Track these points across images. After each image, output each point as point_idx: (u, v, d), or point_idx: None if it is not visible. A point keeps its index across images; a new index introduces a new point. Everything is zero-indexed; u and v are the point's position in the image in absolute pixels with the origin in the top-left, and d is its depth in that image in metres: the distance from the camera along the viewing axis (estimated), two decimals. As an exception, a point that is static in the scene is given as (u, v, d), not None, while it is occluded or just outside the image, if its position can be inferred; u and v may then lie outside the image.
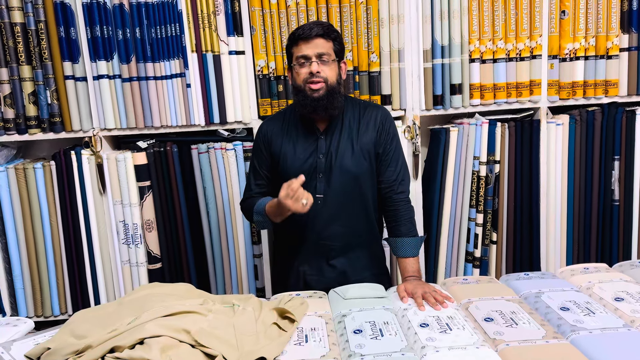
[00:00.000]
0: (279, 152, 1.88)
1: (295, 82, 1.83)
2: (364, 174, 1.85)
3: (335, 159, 1.83)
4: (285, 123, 1.92)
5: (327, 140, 1.85)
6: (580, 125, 2.52)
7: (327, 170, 1.83)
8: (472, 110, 2.51)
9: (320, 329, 1.44)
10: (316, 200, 1.81)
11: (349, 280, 1.84)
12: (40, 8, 2.29)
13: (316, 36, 1.76)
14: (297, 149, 1.86)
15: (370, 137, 1.86)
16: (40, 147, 2.67)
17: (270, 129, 1.93)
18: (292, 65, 1.83)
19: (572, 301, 1.50)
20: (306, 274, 1.92)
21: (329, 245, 1.88)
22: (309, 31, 1.76)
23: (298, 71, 1.80)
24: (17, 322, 1.63)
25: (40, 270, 2.50)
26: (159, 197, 2.47)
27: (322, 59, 1.77)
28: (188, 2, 2.32)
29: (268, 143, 1.91)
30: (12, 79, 2.36)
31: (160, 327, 1.28)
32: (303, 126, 1.88)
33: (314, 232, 1.87)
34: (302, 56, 1.77)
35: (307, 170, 1.82)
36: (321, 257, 1.90)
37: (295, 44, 1.80)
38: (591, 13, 2.42)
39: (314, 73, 1.75)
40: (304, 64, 1.78)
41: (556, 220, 2.57)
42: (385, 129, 1.88)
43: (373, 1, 2.37)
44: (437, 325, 1.40)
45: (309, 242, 1.89)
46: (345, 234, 1.87)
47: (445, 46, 2.42)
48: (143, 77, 2.38)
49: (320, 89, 1.76)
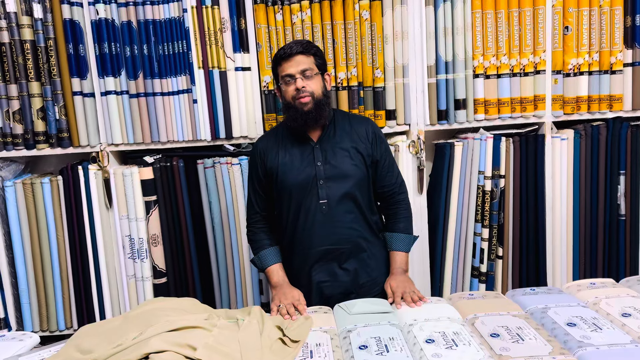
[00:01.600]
0: (276, 165, 1.92)
1: (284, 99, 1.91)
2: (362, 178, 1.91)
3: (334, 165, 1.89)
4: (279, 138, 1.98)
5: (322, 149, 1.91)
6: (585, 140, 2.52)
7: (328, 176, 1.88)
8: (476, 125, 2.52)
9: (326, 344, 1.43)
10: (320, 206, 1.87)
11: (361, 281, 1.93)
12: (50, 25, 2.33)
13: (296, 54, 1.85)
14: (294, 160, 1.91)
15: (364, 146, 1.93)
16: (48, 162, 2.70)
17: (264, 146, 1.99)
18: (279, 84, 1.92)
19: (579, 317, 1.49)
20: (321, 283, 1.93)
21: (339, 249, 1.91)
22: (289, 50, 1.85)
23: (285, 89, 1.88)
24: (23, 336, 1.63)
25: (46, 285, 2.51)
26: (164, 212, 2.48)
27: (305, 74, 1.85)
28: (195, 19, 2.36)
29: (264, 159, 1.96)
30: (21, 95, 2.39)
31: (164, 343, 1.29)
32: (296, 139, 1.94)
33: (322, 238, 1.90)
34: (287, 75, 1.86)
35: (307, 179, 1.88)
36: (333, 262, 1.93)
37: (278, 64, 1.89)
38: (594, 29, 2.44)
39: (299, 89, 1.84)
40: (290, 81, 1.86)
41: (562, 235, 2.56)
42: (377, 141, 1.96)
43: (377, 18, 2.39)
44: (443, 341, 1.39)
45: (320, 249, 1.91)
46: (352, 236, 1.92)
47: (449, 62, 2.44)
48: (150, 93, 2.41)
49: (308, 102, 1.84)
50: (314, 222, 1.87)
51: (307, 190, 1.87)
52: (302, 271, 1.94)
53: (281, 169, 1.91)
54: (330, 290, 1.93)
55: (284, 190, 1.91)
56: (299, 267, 1.95)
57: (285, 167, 1.91)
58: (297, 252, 1.95)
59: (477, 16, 2.41)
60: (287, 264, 1.99)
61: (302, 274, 1.95)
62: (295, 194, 1.88)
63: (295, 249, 1.95)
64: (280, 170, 1.91)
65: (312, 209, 1.88)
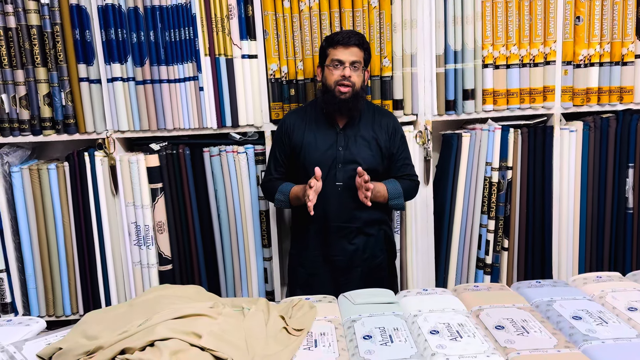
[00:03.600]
0: (301, 143, 2.08)
1: (325, 81, 2.04)
2: (377, 167, 2.08)
3: (354, 152, 2.05)
4: (307, 117, 2.13)
5: (346, 136, 2.07)
6: (594, 132, 2.50)
7: (346, 161, 2.04)
8: (484, 116, 2.50)
9: (330, 334, 1.43)
10: (336, 188, 2.05)
11: (365, 256, 2.12)
12: (56, 11, 2.32)
13: (353, 45, 1.99)
14: (318, 141, 2.07)
15: (383, 139, 2.10)
16: (55, 148, 2.70)
17: (292, 122, 2.13)
18: (326, 65, 2.03)
19: (585, 310, 1.48)
20: (331, 256, 2.12)
21: (349, 227, 2.09)
22: (347, 39, 1.98)
23: (331, 72, 2.01)
24: (30, 321, 1.64)
25: (53, 270, 2.52)
26: (170, 199, 2.49)
27: (354, 65, 1.99)
28: (202, 6, 2.34)
29: (290, 134, 2.11)
30: (28, 80, 2.39)
31: (170, 330, 1.29)
32: (323, 121, 2.10)
33: (335, 215, 2.07)
34: (338, 60, 1.99)
35: (327, 160, 2.04)
36: (343, 238, 2.10)
37: (332, 46, 2.01)
38: (606, 19, 2.41)
39: (345, 77, 1.97)
40: (338, 66, 1.99)
41: (569, 228, 2.55)
42: (397, 136, 2.13)
43: (386, 6, 2.37)
44: (448, 332, 1.39)
45: (333, 224, 2.08)
46: (361, 218, 2.09)
47: (458, 51, 2.41)
48: (157, 80, 2.40)
49: (348, 92, 1.99)
50: (329, 201, 2.04)
51: (326, 171, 2.02)
52: (316, 241, 2.12)
53: (305, 147, 2.07)
54: (338, 263, 2.11)
55: (305, 168, 2.06)
56: (314, 238, 2.12)
57: (309, 147, 2.07)
58: (312, 225, 2.10)
59: (488, 5, 2.38)
60: (301, 234, 2.17)
61: (316, 244, 2.12)
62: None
63: (311, 223, 2.09)
64: (304, 148, 2.07)
65: (329, 189, 2.03)
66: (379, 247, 2.17)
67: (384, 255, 2.20)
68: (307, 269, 2.16)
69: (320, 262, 2.14)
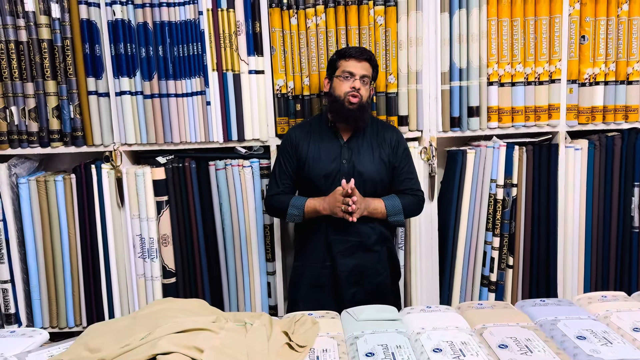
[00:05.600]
0: (305, 156, 2.12)
1: (334, 91, 2.08)
2: (381, 181, 2.11)
3: (358, 165, 2.08)
4: (312, 130, 2.17)
5: (350, 149, 2.10)
6: (600, 151, 2.50)
7: (350, 174, 2.07)
8: (489, 133, 2.51)
9: (332, 350, 1.43)
10: None
11: (367, 272, 2.11)
12: (67, 25, 2.36)
13: (365, 59, 2.06)
14: (322, 153, 2.11)
15: (387, 152, 2.13)
16: (62, 160, 2.73)
17: (297, 135, 2.16)
18: (336, 76, 2.08)
19: (589, 330, 1.47)
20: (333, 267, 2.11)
21: (352, 241, 2.10)
22: (360, 53, 2.06)
23: (341, 83, 2.06)
24: (33, 333, 1.64)
25: (57, 282, 2.53)
26: (175, 212, 2.50)
27: (363, 79, 2.06)
28: (210, 22, 2.37)
29: (295, 147, 2.14)
30: (37, 93, 2.42)
31: (172, 344, 1.29)
32: (328, 134, 2.14)
33: (339, 229, 2.08)
34: (349, 72, 2.05)
35: (331, 173, 2.08)
36: (345, 253, 2.11)
37: (344, 58, 2.07)
38: (611, 38, 2.42)
39: (356, 88, 2.03)
40: (348, 78, 2.05)
41: (574, 246, 2.54)
42: (400, 149, 2.15)
43: (392, 24, 2.39)
44: (451, 350, 1.38)
45: (335, 239, 2.10)
46: (364, 232, 2.10)
47: (463, 69, 2.43)
48: (164, 94, 2.42)
49: (357, 103, 2.04)
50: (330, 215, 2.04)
51: (330, 184, 2.07)
52: (319, 255, 2.13)
53: (309, 160, 2.11)
54: (341, 277, 2.09)
55: (310, 181, 2.11)
56: (317, 251, 2.13)
57: (314, 159, 2.10)
58: (315, 239, 2.12)
59: (493, 24, 2.40)
60: (305, 247, 2.18)
61: (319, 257, 2.13)
62: (320, 186, 2.08)
63: (315, 236, 2.12)
64: (308, 161, 2.11)
65: None
66: (382, 264, 2.16)
67: (387, 272, 2.19)
68: (310, 280, 2.15)
69: (323, 274, 2.13)
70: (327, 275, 2.13)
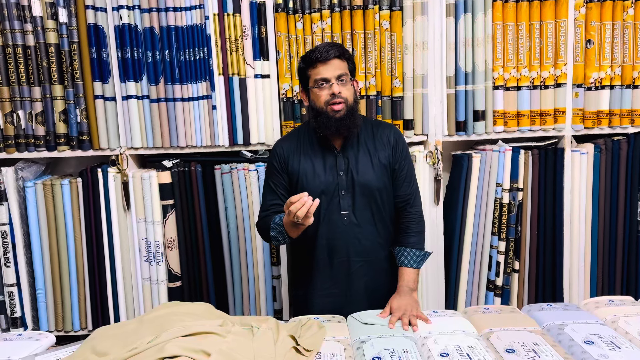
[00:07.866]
0: (297, 171, 1.87)
1: (314, 104, 1.83)
2: (384, 188, 1.88)
3: (357, 175, 1.84)
4: (300, 142, 1.92)
5: (345, 158, 1.86)
6: (606, 155, 2.49)
7: (350, 186, 1.84)
8: (495, 137, 2.50)
9: (339, 354, 1.43)
10: (342, 217, 1.85)
11: (375, 295, 1.90)
12: (74, 30, 2.37)
13: (333, 57, 1.79)
14: (316, 167, 1.86)
15: (385, 154, 1.88)
16: (68, 164, 2.74)
17: (285, 148, 1.92)
18: (310, 87, 1.83)
19: (597, 335, 1.46)
20: (334, 295, 1.90)
21: (355, 261, 1.88)
22: (326, 53, 1.78)
23: (318, 93, 1.80)
24: (39, 336, 1.65)
25: (63, 285, 2.54)
26: (181, 216, 2.50)
27: (340, 79, 1.80)
28: (217, 26, 2.38)
29: (285, 163, 1.90)
30: (44, 97, 2.43)
31: (179, 348, 1.29)
32: (319, 145, 1.89)
33: (342, 248, 1.87)
34: (322, 79, 1.79)
35: (329, 188, 1.84)
36: (353, 274, 1.89)
37: (312, 66, 1.81)
38: (617, 42, 2.42)
39: (335, 94, 1.77)
40: (323, 86, 1.79)
41: (580, 250, 2.53)
42: (399, 147, 1.91)
43: (397, 28, 2.40)
44: (458, 355, 1.37)
45: (336, 261, 1.88)
46: (372, 249, 1.89)
47: (468, 73, 2.43)
48: (170, 99, 2.43)
49: (342, 109, 1.78)
50: (335, 233, 1.85)
51: (329, 200, 1.84)
52: (322, 280, 1.91)
53: (302, 175, 1.86)
54: (343, 301, 1.89)
55: None
56: (319, 276, 1.91)
57: (307, 175, 1.86)
58: (316, 261, 1.90)
59: (498, 28, 2.40)
60: (305, 273, 1.94)
61: (322, 283, 1.91)
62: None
63: (314, 258, 1.90)
64: (300, 177, 1.86)
65: (334, 219, 1.85)
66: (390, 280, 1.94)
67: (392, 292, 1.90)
68: (315, 312, 1.88)
69: (329, 302, 1.91)
70: (335, 301, 1.91)
